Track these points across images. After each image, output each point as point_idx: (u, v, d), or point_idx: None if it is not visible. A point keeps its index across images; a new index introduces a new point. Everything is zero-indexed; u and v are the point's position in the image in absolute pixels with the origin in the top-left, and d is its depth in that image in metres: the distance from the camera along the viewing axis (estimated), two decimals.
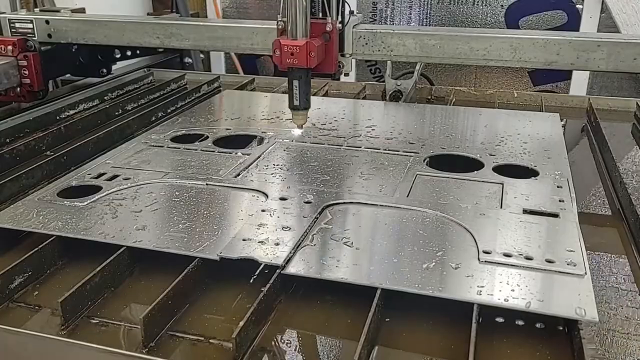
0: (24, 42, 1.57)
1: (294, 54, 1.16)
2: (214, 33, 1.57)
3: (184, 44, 1.62)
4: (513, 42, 1.37)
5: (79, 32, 1.67)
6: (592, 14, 2.71)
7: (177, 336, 0.73)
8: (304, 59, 1.16)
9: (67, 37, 1.68)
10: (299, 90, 1.20)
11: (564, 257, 0.81)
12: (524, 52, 1.37)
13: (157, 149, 1.25)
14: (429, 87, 1.89)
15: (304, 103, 1.22)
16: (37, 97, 1.63)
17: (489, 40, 1.38)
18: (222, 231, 0.89)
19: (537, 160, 1.17)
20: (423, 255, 0.82)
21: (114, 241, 0.87)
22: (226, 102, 1.66)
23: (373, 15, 3.03)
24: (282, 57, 1.17)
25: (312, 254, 0.83)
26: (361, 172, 1.13)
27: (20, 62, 1.57)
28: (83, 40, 1.68)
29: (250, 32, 1.54)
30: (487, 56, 1.39)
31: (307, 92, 1.22)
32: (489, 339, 0.72)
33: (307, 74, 1.21)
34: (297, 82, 1.20)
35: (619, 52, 1.33)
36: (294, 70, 1.19)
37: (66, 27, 1.67)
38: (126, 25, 1.63)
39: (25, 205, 0.98)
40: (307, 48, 1.16)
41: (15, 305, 0.80)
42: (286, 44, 1.16)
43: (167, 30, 1.60)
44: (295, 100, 1.21)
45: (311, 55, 1.16)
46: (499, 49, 1.38)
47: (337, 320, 0.76)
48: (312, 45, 1.16)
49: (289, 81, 1.21)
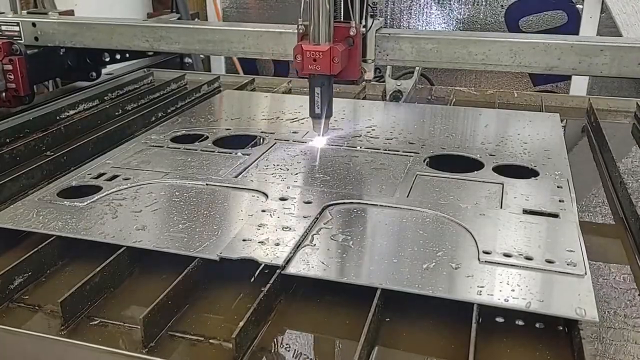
0: (9, 45, 1.52)
1: (317, 59, 1.11)
2: (205, 36, 1.53)
3: (173, 47, 1.57)
4: (513, 46, 1.33)
5: (67, 35, 1.62)
6: (592, 14, 2.71)
7: (177, 336, 0.73)
8: (327, 66, 1.11)
9: (54, 40, 1.63)
10: (321, 98, 1.15)
11: (564, 257, 0.81)
12: (524, 56, 1.33)
13: (157, 149, 1.25)
14: (429, 87, 1.89)
15: (326, 111, 1.17)
16: (23, 102, 1.58)
17: (488, 45, 1.35)
18: (222, 231, 0.89)
19: (537, 160, 1.17)
20: (423, 256, 0.82)
21: (114, 241, 0.87)
22: (226, 103, 1.66)
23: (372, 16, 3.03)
24: (304, 63, 1.12)
25: (312, 254, 0.83)
26: (361, 172, 1.13)
27: (6, 67, 1.52)
28: (71, 43, 1.63)
29: (242, 35, 1.49)
30: (485, 61, 1.36)
31: (330, 99, 1.17)
32: (489, 339, 0.72)
33: (329, 81, 1.16)
34: (319, 90, 1.15)
35: (622, 57, 1.28)
36: (316, 77, 1.14)
37: (53, 30, 1.62)
38: (114, 28, 1.59)
39: (25, 205, 0.98)
40: (331, 54, 1.11)
41: (15, 305, 0.79)
42: (308, 49, 1.11)
43: (156, 34, 1.56)
44: (316, 108, 1.16)
45: (335, 61, 1.11)
46: (498, 53, 1.34)
47: (337, 320, 0.76)
48: (336, 50, 1.11)
49: (310, 88, 1.16)
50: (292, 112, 1.50)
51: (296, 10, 1.17)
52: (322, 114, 1.16)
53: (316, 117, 1.18)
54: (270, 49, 1.48)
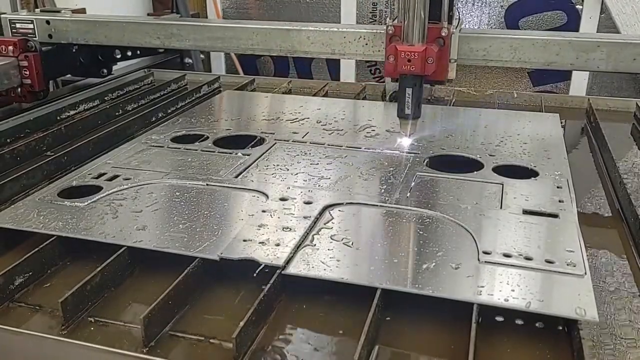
0: (24, 42, 1.57)
1: (411, 60, 1.10)
2: (214, 33, 1.57)
3: (184, 44, 1.62)
4: (513, 42, 1.36)
5: (80, 32, 1.67)
6: (591, 14, 2.71)
7: (178, 336, 0.73)
8: (421, 66, 1.11)
9: (67, 37, 1.68)
10: (412, 99, 1.14)
11: (563, 257, 0.82)
12: (524, 52, 1.36)
13: (157, 149, 1.25)
14: (429, 88, 1.89)
15: (416, 112, 1.16)
16: (38, 98, 1.63)
17: (489, 41, 1.38)
18: (222, 231, 0.89)
19: (537, 160, 1.17)
20: (423, 256, 0.83)
21: (115, 241, 0.87)
22: (226, 103, 1.66)
23: (373, 16, 3.03)
24: (398, 64, 1.11)
25: (313, 255, 0.83)
26: (361, 172, 1.13)
27: (21, 63, 1.57)
28: (84, 40, 1.68)
29: (250, 32, 1.53)
30: (486, 56, 1.38)
31: (420, 100, 1.16)
32: (489, 339, 0.72)
33: (421, 81, 1.15)
34: (410, 90, 1.14)
35: (618, 53, 1.33)
36: (408, 78, 1.13)
37: (67, 27, 1.67)
38: (127, 26, 1.63)
39: (25, 205, 0.98)
40: (425, 54, 1.11)
41: (15, 305, 0.80)
42: (403, 49, 1.11)
43: (167, 31, 1.60)
44: (406, 109, 1.15)
45: (428, 61, 1.11)
46: (499, 49, 1.37)
47: (337, 320, 0.76)
48: (431, 51, 1.11)
49: (400, 88, 1.15)
50: (293, 113, 1.50)
51: (296, 10, 1.17)
52: (411, 115, 1.16)
53: (405, 118, 1.17)
54: (278, 46, 1.53)
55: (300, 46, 1.53)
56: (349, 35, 1.49)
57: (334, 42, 1.50)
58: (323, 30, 1.51)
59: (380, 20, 2.99)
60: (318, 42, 1.51)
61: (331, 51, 1.51)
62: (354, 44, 1.48)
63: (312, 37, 1.51)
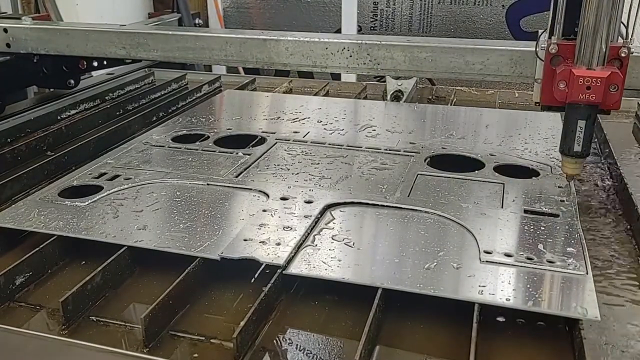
0: None
1: (592, 87, 0.91)
2: (184, 43, 1.44)
3: (152, 55, 1.48)
4: (513, 55, 1.22)
5: (40, 41, 1.53)
6: None
7: (178, 336, 0.73)
8: (603, 94, 0.92)
9: (27, 46, 1.54)
10: (584, 133, 0.95)
11: (564, 256, 0.81)
12: (526, 66, 1.21)
13: (158, 149, 1.25)
14: (430, 87, 1.89)
15: (587, 148, 0.97)
16: None
17: (487, 54, 1.24)
18: (223, 231, 0.89)
19: (537, 160, 1.17)
20: (424, 255, 0.82)
21: (115, 241, 0.87)
22: (227, 102, 1.66)
23: (374, 16, 3.03)
24: (572, 91, 0.92)
25: (314, 254, 0.83)
26: (362, 172, 1.13)
27: None
28: (44, 50, 1.54)
29: (223, 42, 1.41)
30: (483, 71, 1.25)
31: (592, 134, 0.97)
32: (490, 338, 0.72)
33: (597, 112, 0.96)
34: (583, 123, 0.95)
35: (632, 68, 1.11)
36: (582, 108, 0.94)
37: (26, 36, 1.53)
38: (89, 35, 1.50)
39: (26, 205, 0.98)
40: (610, 81, 0.92)
41: (16, 305, 0.80)
42: (582, 74, 0.92)
43: (133, 40, 1.47)
44: (577, 145, 0.96)
45: (611, 89, 0.92)
46: (497, 62, 1.24)
47: (338, 320, 0.76)
48: (617, 77, 0.92)
49: (569, 120, 0.96)
50: (294, 112, 1.50)
51: (296, 10, 1.14)
52: (582, 152, 0.97)
53: (574, 156, 0.98)
54: (254, 57, 1.40)
55: (278, 58, 1.39)
56: (332, 46, 1.34)
57: (315, 53, 1.36)
58: (303, 40, 1.36)
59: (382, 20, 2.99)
60: (297, 54, 1.37)
61: (312, 63, 1.37)
62: (337, 55, 1.34)
63: (291, 48, 1.37)
